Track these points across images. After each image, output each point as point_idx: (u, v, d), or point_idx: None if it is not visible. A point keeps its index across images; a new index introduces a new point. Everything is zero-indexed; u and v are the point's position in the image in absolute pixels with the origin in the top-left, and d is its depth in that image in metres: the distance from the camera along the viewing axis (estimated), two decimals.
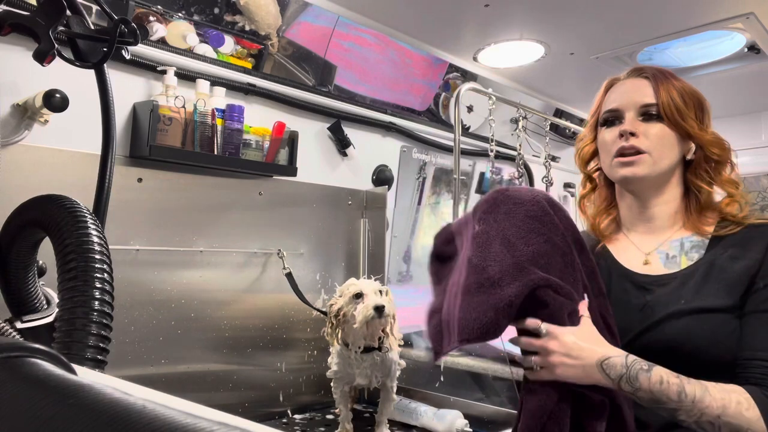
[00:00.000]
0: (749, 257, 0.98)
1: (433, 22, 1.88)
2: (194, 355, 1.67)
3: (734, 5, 1.72)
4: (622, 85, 1.12)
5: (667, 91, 1.05)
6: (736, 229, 1.03)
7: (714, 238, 1.04)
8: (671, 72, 1.10)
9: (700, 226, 1.06)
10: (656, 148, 1.05)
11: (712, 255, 1.02)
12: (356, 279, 1.60)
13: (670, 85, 1.06)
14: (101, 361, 0.62)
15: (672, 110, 1.04)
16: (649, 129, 1.05)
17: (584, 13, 1.79)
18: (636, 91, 1.08)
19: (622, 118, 1.08)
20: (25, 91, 1.38)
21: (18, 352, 0.31)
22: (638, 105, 1.07)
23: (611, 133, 1.09)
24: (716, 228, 1.05)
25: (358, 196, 2.17)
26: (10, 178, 1.30)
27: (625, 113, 1.08)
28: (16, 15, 0.75)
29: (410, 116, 2.50)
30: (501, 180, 2.94)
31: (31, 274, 0.79)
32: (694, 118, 1.05)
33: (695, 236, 1.06)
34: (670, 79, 1.08)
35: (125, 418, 0.25)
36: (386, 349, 1.59)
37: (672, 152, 1.06)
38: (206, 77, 1.71)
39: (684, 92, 1.06)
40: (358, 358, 1.58)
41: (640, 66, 1.13)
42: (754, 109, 2.92)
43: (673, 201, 1.09)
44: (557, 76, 2.35)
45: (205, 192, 1.72)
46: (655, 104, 1.06)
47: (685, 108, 1.05)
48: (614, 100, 1.11)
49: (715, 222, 1.06)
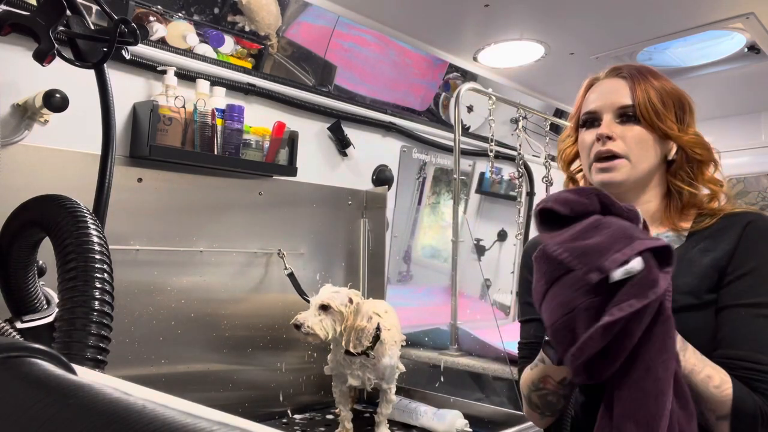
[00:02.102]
0: (720, 248, 0.97)
1: (433, 22, 1.88)
2: (194, 355, 1.67)
3: (734, 5, 1.72)
4: (600, 85, 1.10)
5: (644, 91, 1.03)
6: (711, 221, 1.01)
7: (691, 233, 1.02)
8: (651, 69, 1.08)
9: (678, 223, 1.04)
10: (634, 151, 1.02)
11: (684, 249, 1.00)
12: (330, 287, 1.61)
13: (647, 84, 1.04)
14: (101, 361, 0.61)
15: (649, 111, 1.02)
16: (626, 132, 1.03)
17: (584, 13, 1.79)
18: (613, 92, 1.06)
19: (599, 120, 1.05)
20: (25, 91, 1.38)
21: (18, 352, 0.31)
22: (615, 107, 1.04)
23: (590, 135, 1.07)
24: (693, 223, 1.03)
25: (358, 196, 2.17)
26: (10, 178, 1.30)
27: (602, 115, 1.05)
28: (16, 15, 0.75)
29: (410, 116, 2.50)
30: (501, 180, 2.94)
31: (31, 274, 0.79)
32: (673, 119, 1.03)
33: (671, 232, 1.04)
34: (649, 78, 1.05)
35: (125, 418, 0.25)
36: (373, 356, 1.59)
37: (650, 154, 1.03)
38: (206, 77, 1.71)
39: (663, 92, 1.04)
40: (347, 360, 1.60)
41: (618, 65, 1.10)
42: (754, 109, 2.91)
43: (653, 201, 1.07)
44: (557, 76, 2.35)
45: (205, 192, 1.72)
46: (632, 105, 1.03)
47: (663, 108, 1.02)
48: (592, 101, 1.08)
49: (693, 218, 1.04)
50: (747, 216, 0.99)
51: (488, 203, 2.92)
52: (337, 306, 1.54)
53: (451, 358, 1.96)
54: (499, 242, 2.94)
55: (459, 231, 2.13)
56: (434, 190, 2.68)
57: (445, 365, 1.97)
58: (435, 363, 1.99)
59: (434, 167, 2.62)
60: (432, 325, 2.15)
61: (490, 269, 2.86)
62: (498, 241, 2.94)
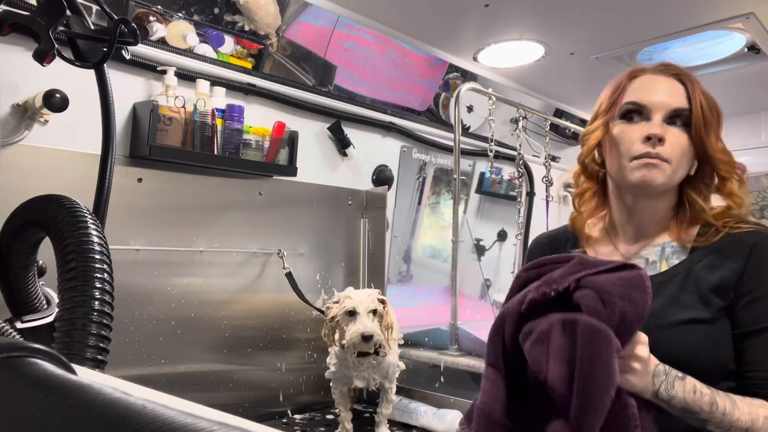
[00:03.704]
0: (727, 266, 0.96)
1: (433, 22, 1.88)
2: (194, 355, 1.67)
3: (734, 5, 1.72)
4: (650, 79, 1.03)
5: (700, 100, 0.98)
6: (715, 237, 0.99)
7: (694, 247, 1.01)
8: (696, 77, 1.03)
9: (684, 235, 1.02)
10: (677, 158, 0.98)
11: (690, 262, 0.99)
12: (354, 290, 1.59)
13: (701, 92, 0.99)
14: (101, 361, 0.62)
15: (701, 122, 0.97)
16: (674, 137, 0.98)
17: (584, 13, 1.79)
18: (668, 91, 0.99)
19: (648, 117, 0.99)
20: (25, 91, 1.38)
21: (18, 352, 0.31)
22: (670, 107, 0.98)
23: (631, 131, 1.00)
24: (698, 235, 1.02)
25: (358, 196, 2.17)
26: (10, 178, 1.30)
27: (653, 113, 0.99)
28: (16, 15, 0.75)
29: (410, 116, 2.50)
30: (501, 180, 2.94)
31: (31, 274, 0.79)
32: (715, 132, 1.00)
33: (676, 243, 1.03)
34: (700, 86, 1.01)
35: (125, 418, 0.25)
36: (383, 353, 1.59)
37: (687, 166, 1.01)
38: (206, 77, 1.71)
39: (711, 103, 1.00)
40: (354, 362, 1.59)
41: (673, 64, 1.04)
42: (754, 109, 2.91)
43: (664, 210, 1.05)
44: (557, 76, 2.35)
45: (205, 192, 1.72)
46: (688, 110, 0.98)
47: (711, 120, 0.99)
48: (641, 93, 1.01)
49: (697, 229, 1.02)
50: (753, 236, 0.98)
51: (488, 203, 2.92)
52: (380, 308, 1.54)
53: (451, 358, 1.96)
54: (499, 242, 2.94)
55: (459, 231, 2.13)
56: (434, 190, 2.68)
57: (445, 365, 1.96)
58: (435, 363, 1.99)
59: (434, 167, 2.62)
60: (432, 325, 2.15)
61: (490, 269, 2.86)
62: (498, 241, 2.94)
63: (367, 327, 1.49)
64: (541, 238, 1.26)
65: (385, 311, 1.56)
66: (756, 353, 0.94)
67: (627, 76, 1.06)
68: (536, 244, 1.24)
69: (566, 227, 1.19)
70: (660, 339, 0.93)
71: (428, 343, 2.11)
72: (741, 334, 0.95)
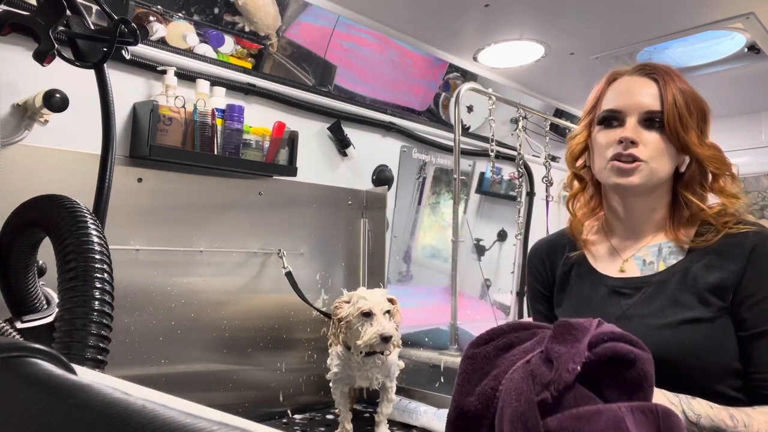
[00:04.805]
0: (726, 267, 0.96)
1: (433, 22, 1.88)
2: (194, 355, 1.67)
3: (734, 5, 1.72)
4: (625, 82, 1.04)
5: (674, 98, 0.98)
6: (714, 237, 0.99)
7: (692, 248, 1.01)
8: (678, 73, 1.03)
9: (680, 235, 1.02)
10: (654, 158, 0.99)
11: (688, 262, 0.99)
12: (366, 290, 1.59)
13: (677, 90, 1.00)
14: (101, 361, 0.62)
15: (675, 121, 0.98)
16: (649, 138, 0.99)
17: (584, 13, 1.79)
18: (641, 94, 1.01)
19: (622, 121, 1.01)
20: (25, 91, 1.38)
21: (18, 352, 0.31)
22: (642, 110, 1.00)
23: (608, 135, 1.02)
24: (696, 234, 1.02)
25: (358, 196, 2.17)
26: (10, 178, 1.30)
27: (626, 117, 1.01)
28: (16, 15, 0.75)
29: (410, 116, 2.50)
30: (501, 180, 2.94)
31: (31, 274, 0.79)
32: (696, 130, 1.00)
33: (672, 243, 1.03)
34: (677, 83, 1.01)
35: (125, 418, 0.25)
36: (388, 353, 1.59)
37: (669, 164, 1.01)
38: (206, 77, 1.71)
39: (690, 99, 1.00)
40: (359, 362, 1.59)
41: (650, 64, 1.05)
42: (754, 109, 2.91)
43: (659, 210, 1.05)
44: (557, 76, 2.35)
45: (205, 192, 1.72)
46: (660, 112, 0.99)
47: (689, 118, 0.99)
48: (616, 98, 1.03)
49: (695, 229, 1.02)
50: (753, 237, 0.97)
51: (488, 203, 2.92)
52: (391, 308, 1.54)
53: (451, 358, 1.96)
54: (499, 242, 2.94)
55: (459, 231, 2.13)
56: (434, 190, 2.68)
57: (445, 365, 1.96)
58: (435, 363, 1.99)
59: (434, 167, 2.62)
60: (432, 325, 2.15)
61: (490, 269, 2.86)
62: (498, 241, 2.94)
63: (385, 328, 1.49)
64: (539, 245, 1.26)
65: (396, 310, 1.56)
66: (763, 355, 0.93)
67: (606, 81, 1.08)
68: (535, 253, 1.23)
69: (563, 231, 1.19)
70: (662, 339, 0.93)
71: (428, 343, 2.11)
72: (747, 336, 0.95)
